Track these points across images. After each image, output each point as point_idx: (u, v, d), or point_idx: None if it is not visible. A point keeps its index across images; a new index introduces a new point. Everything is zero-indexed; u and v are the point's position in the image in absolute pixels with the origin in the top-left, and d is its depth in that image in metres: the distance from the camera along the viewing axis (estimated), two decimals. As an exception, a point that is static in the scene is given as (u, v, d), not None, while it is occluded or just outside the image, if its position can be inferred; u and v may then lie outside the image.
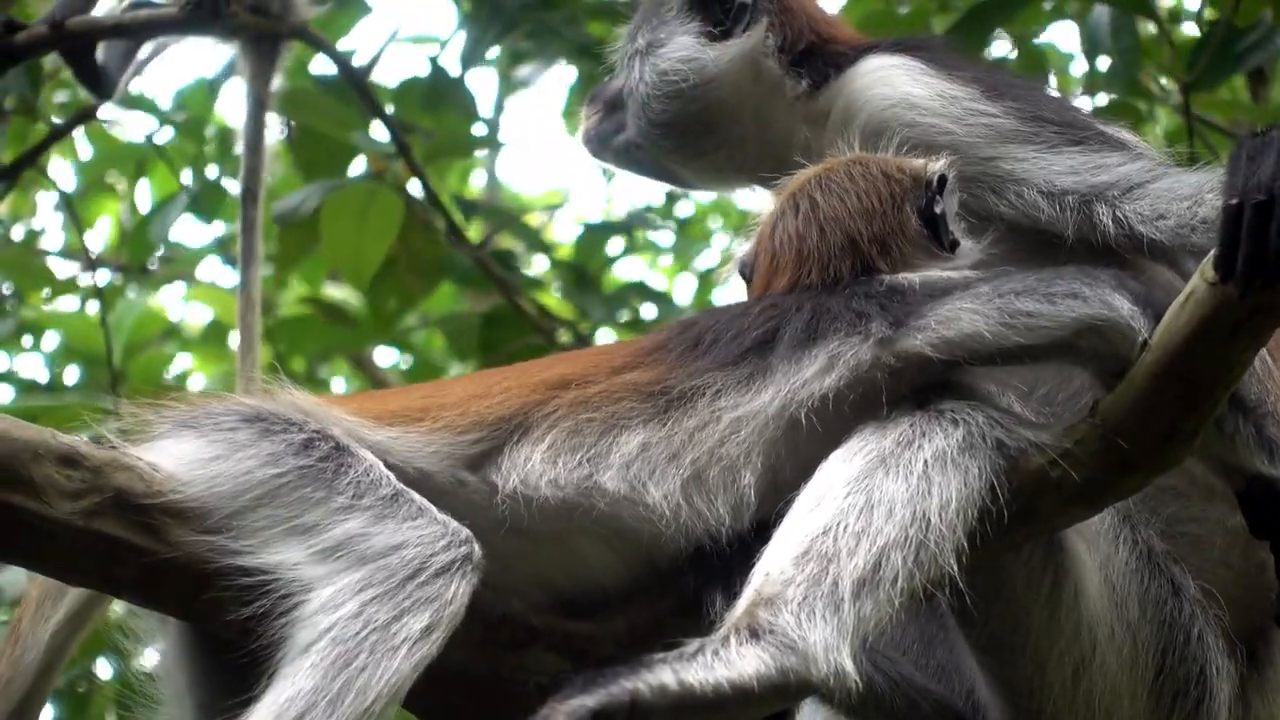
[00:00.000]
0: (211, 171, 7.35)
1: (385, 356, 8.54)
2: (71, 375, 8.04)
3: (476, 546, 2.94)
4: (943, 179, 3.36)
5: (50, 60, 6.00)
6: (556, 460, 3.06)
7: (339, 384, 8.42)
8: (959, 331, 3.09)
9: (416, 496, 2.97)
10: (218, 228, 8.12)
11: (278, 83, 6.08)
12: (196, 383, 8.34)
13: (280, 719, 2.77)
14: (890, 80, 3.65)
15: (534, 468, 3.06)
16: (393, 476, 2.98)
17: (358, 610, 2.83)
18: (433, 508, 2.96)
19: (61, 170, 8.26)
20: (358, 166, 6.40)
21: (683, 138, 3.80)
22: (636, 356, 3.20)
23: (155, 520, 2.98)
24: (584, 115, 3.94)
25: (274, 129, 6.24)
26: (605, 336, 7.36)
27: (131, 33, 5.68)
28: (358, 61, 6.23)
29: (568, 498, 3.05)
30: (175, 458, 3.00)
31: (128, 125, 8.19)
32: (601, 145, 3.91)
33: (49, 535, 2.96)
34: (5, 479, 2.93)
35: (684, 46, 3.78)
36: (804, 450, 3.12)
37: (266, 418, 3.01)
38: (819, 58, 3.78)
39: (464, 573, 2.90)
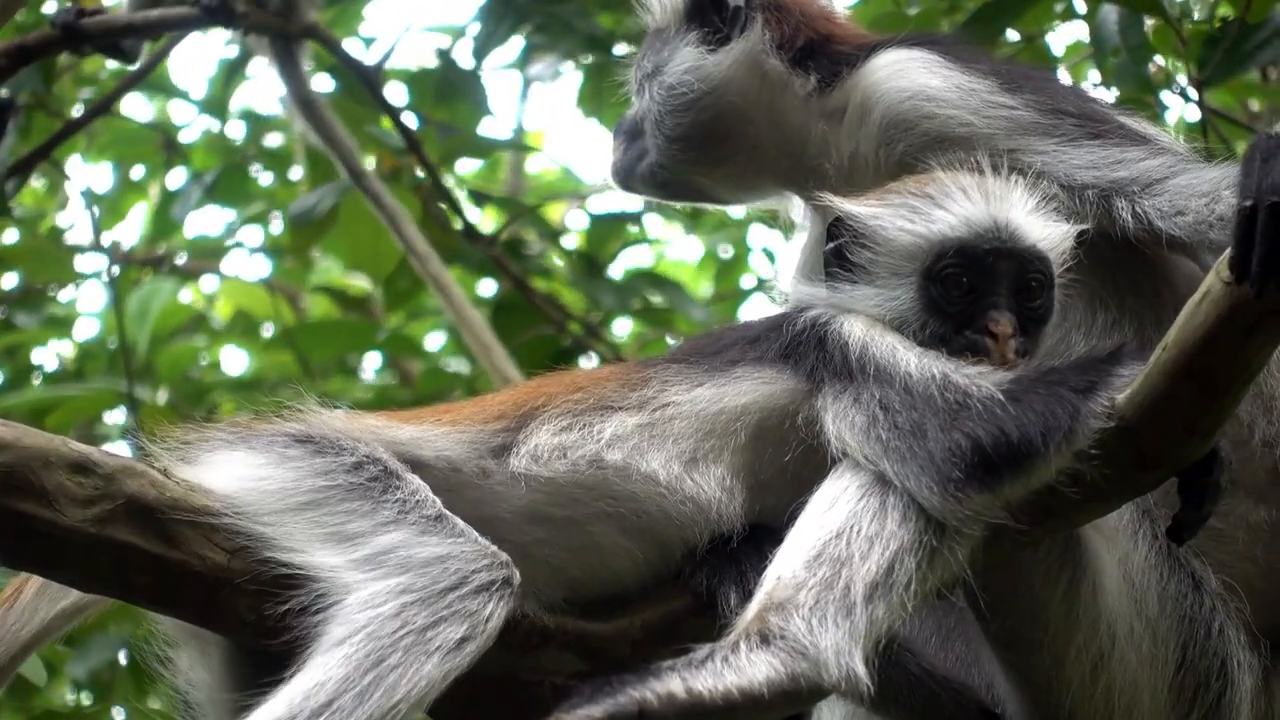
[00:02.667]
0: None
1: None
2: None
3: (516, 572, 2.96)
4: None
5: (64, 56, 6.02)
6: (563, 436, 3.12)
7: (369, 369, 8.44)
8: (840, 433, 3.10)
9: (459, 520, 3.00)
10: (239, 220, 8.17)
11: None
12: (225, 372, 8.38)
13: (308, 701, 2.80)
14: (907, 73, 3.62)
15: (543, 443, 3.12)
16: (438, 501, 3.02)
17: (396, 611, 2.86)
18: (474, 531, 2.99)
19: (91, 169, 8.32)
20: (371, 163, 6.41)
21: (701, 149, 3.80)
22: (624, 365, 3.34)
23: (170, 527, 3.00)
24: (610, 151, 3.95)
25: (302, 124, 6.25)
26: (617, 326, 7.36)
27: (144, 31, 5.69)
28: (372, 54, 6.25)
29: (578, 472, 3.11)
30: (223, 467, 3.04)
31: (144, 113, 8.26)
32: (629, 176, 3.91)
33: (61, 543, 2.97)
34: (16, 486, 2.94)
35: (686, 58, 3.78)
36: (775, 459, 3.16)
37: (316, 440, 3.06)
38: (823, 54, 3.76)
39: (502, 595, 2.93)
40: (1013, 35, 5.53)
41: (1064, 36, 6.75)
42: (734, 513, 3.14)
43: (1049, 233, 3.27)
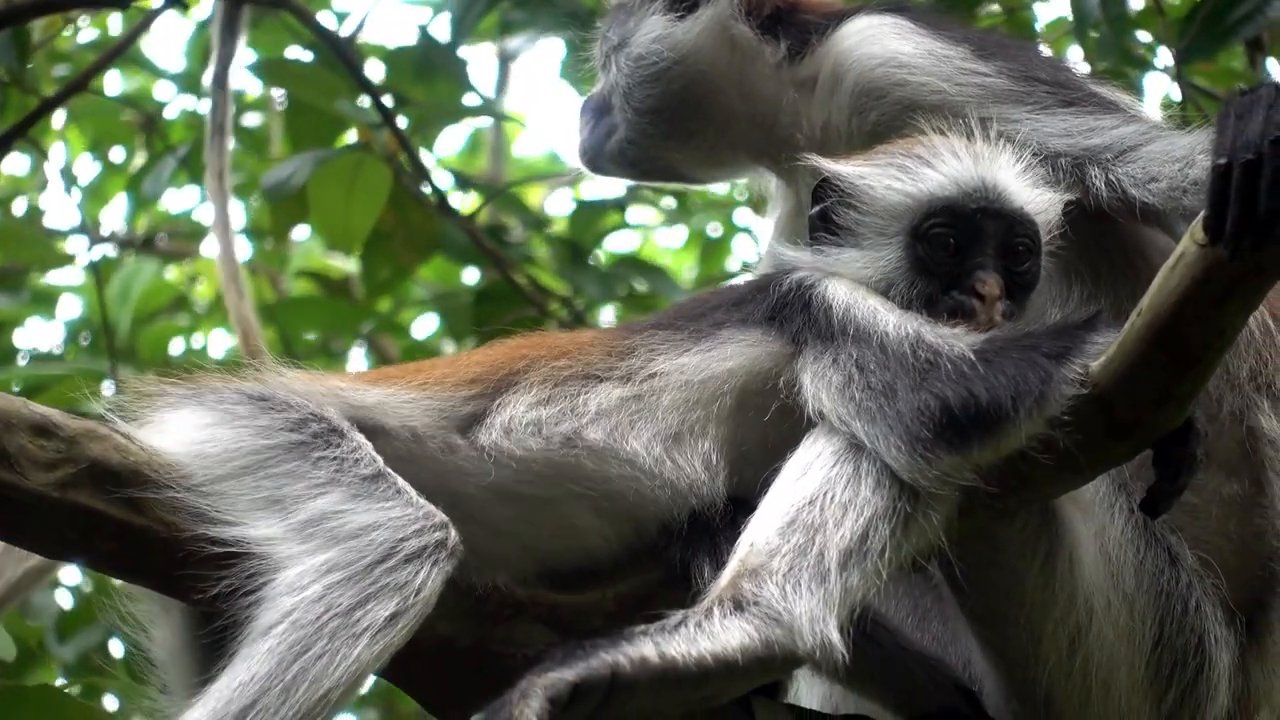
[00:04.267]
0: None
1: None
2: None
3: (453, 532, 2.90)
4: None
5: (39, 30, 5.98)
6: (539, 409, 3.06)
7: (354, 356, 8.42)
8: (817, 393, 3.08)
9: (399, 480, 2.94)
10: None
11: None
12: (207, 354, 8.35)
13: (231, 704, 2.75)
14: (879, 39, 3.60)
15: (518, 416, 3.06)
16: (379, 460, 2.96)
17: (321, 594, 2.79)
18: (411, 490, 2.93)
19: (69, 150, 8.27)
20: (349, 135, 6.37)
21: (671, 122, 3.76)
22: (609, 330, 3.27)
23: (134, 493, 2.96)
24: (577, 131, 3.89)
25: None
26: (602, 312, 7.34)
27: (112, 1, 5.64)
28: (349, 26, 6.22)
29: (553, 451, 3.05)
30: (173, 427, 3.00)
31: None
32: (597, 154, 3.86)
33: (25, 507, 2.94)
34: (-22, 450, 2.91)
35: (654, 27, 3.76)
36: (756, 424, 3.13)
37: (267, 398, 3.01)
38: (791, 23, 3.74)
39: (436, 559, 2.86)
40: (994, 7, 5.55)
41: (1046, 11, 6.76)
42: (715, 491, 3.11)
43: (1037, 197, 3.26)
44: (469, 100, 6.54)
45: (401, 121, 6.05)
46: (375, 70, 6.65)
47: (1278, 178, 2.81)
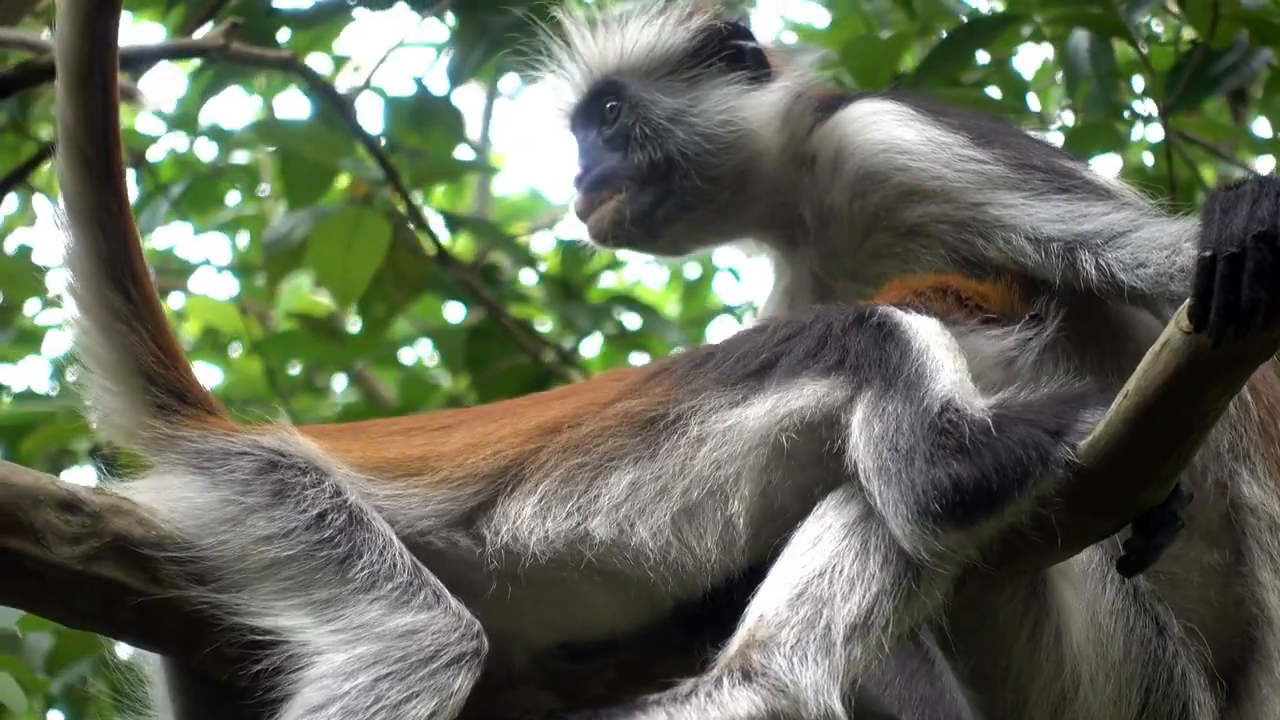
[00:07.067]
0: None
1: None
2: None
3: (485, 640, 2.97)
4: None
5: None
6: (546, 514, 3.08)
7: (338, 385, 8.44)
8: (858, 438, 3.10)
9: (432, 579, 3.00)
10: (212, 238, 8.19)
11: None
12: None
13: None
14: (881, 125, 3.66)
15: (524, 523, 3.08)
16: (406, 558, 3.00)
17: (370, 685, 2.87)
18: (447, 594, 2.99)
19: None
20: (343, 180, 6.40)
21: (730, 190, 3.75)
22: (634, 385, 3.22)
23: (155, 565, 3.02)
24: (594, 202, 3.77)
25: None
26: (589, 346, 7.39)
27: (132, 62, 5.66)
28: (346, 77, 6.24)
29: (557, 551, 3.07)
30: (184, 505, 3.03)
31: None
32: (640, 224, 3.75)
33: (48, 579, 3.01)
34: (5, 524, 2.97)
35: (731, 94, 3.75)
36: (797, 477, 3.15)
37: (281, 467, 3.03)
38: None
39: (471, 666, 2.94)
40: (982, 57, 5.62)
41: (1033, 59, 6.83)
42: (732, 562, 3.13)
43: None
44: (462, 148, 6.57)
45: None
46: (373, 109, 6.69)
47: (1260, 270, 2.89)
